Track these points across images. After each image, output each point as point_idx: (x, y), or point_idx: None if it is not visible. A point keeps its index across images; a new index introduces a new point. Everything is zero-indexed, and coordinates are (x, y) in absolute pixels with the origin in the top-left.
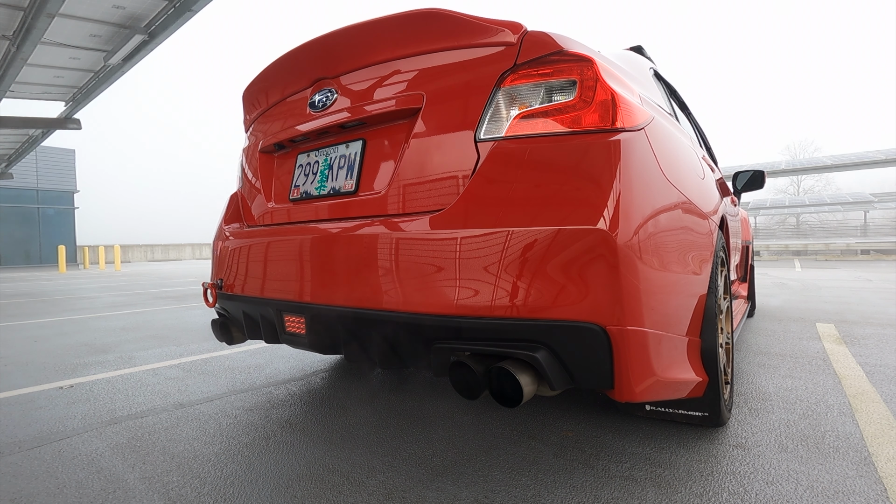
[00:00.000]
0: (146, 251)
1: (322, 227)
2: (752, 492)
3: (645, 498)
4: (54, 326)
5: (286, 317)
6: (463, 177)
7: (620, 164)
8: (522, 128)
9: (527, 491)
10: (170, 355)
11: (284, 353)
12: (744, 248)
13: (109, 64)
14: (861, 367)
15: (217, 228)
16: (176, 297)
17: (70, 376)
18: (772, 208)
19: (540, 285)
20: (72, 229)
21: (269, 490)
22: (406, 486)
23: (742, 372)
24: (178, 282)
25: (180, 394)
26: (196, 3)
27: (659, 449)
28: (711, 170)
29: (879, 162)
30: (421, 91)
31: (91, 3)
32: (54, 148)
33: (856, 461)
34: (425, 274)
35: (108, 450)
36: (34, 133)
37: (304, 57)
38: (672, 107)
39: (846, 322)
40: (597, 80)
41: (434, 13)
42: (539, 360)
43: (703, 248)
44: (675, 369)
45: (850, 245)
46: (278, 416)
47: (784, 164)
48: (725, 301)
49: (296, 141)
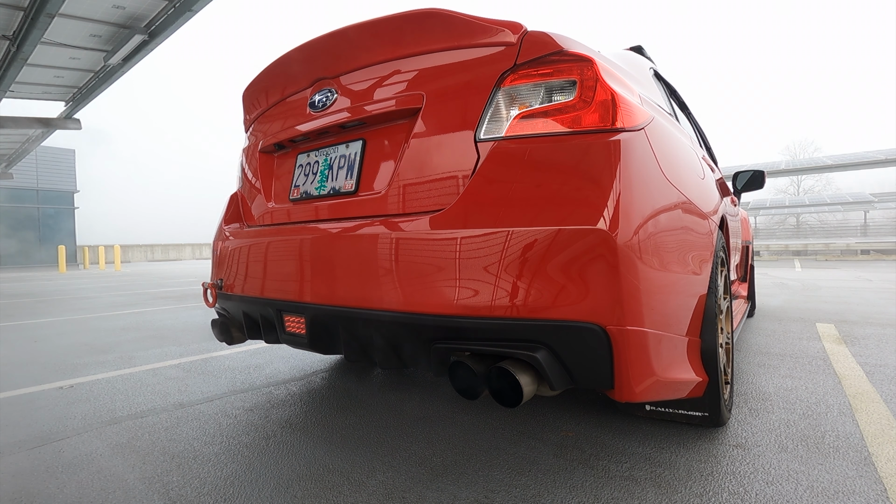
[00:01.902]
0: (146, 251)
1: (322, 227)
2: (752, 492)
3: (645, 498)
4: (54, 326)
5: (286, 317)
6: (463, 177)
7: (620, 164)
8: (522, 128)
9: (527, 491)
10: (170, 355)
11: (284, 353)
12: (744, 248)
13: (109, 64)
14: (861, 367)
15: (217, 228)
16: (176, 297)
17: (70, 376)
18: (772, 208)
19: (540, 285)
20: (72, 229)
21: (269, 490)
22: (406, 486)
23: (742, 372)
24: (178, 282)
25: (180, 394)
26: (196, 3)
27: (659, 449)
28: (711, 170)
29: (879, 162)
30: (421, 91)
31: (91, 3)
32: (54, 148)
33: (856, 461)
34: (425, 274)
35: (108, 450)
36: (34, 133)
37: (304, 57)
38: (672, 107)
39: (846, 322)
40: (597, 80)
41: (434, 13)
42: (539, 360)
43: (703, 248)
44: (675, 369)
45: (850, 245)
46: (278, 416)
47: (784, 164)
48: (725, 301)
49: (296, 141)
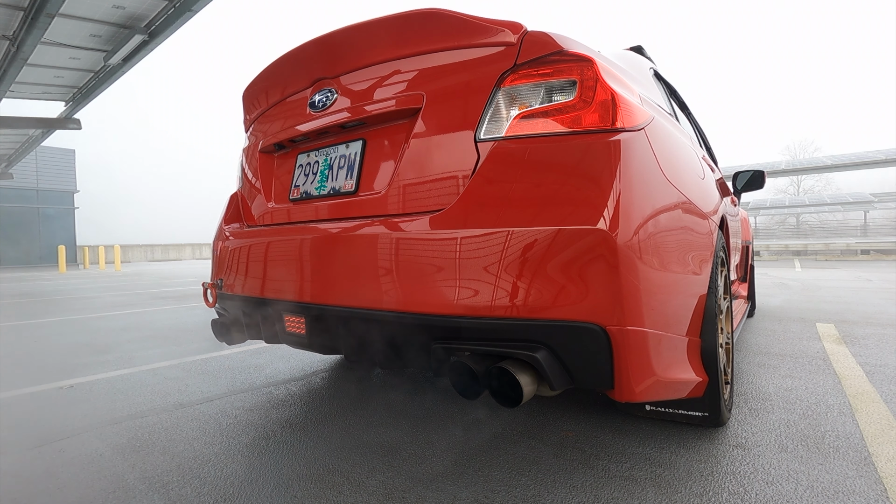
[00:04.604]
0: (146, 251)
1: (322, 227)
2: (752, 492)
3: (645, 498)
4: (54, 326)
5: (286, 317)
6: (463, 177)
7: (620, 164)
8: (522, 128)
9: (527, 491)
10: (170, 355)
11: (284, 353)
12: (744, 248)
13: (109, 64)
14: (861, 368)
15: (217, 228)
16: (176, 297)
17: (70, 376)
18: (772, 208)
19: (540, 285)
20: (72, 229)
21: (269, 490)
22: (406, 486)
23: (742, 372)
24: (178, 282)
25: (180, 394)
26: (196, 3)
27: (659, 449)
28: (711, 170)
29: (879, 162)
30: (421, 91)
31: (91, 3)
32: (54, 148)
33: (856, 461)
34: (425, 274)
35: (108, 450)
36: (34, 133)
37: (303, 57)
38: (672, 107)
39: (846, 322)
40: (597, 80)
41: (434, 13)
42: (539, 360)
43: (703, 248)
44: (675, 369)
45: (850, 245)
46: (278, 416)
47: (784, 164)
48: (725, 301)
49: (296, 141)
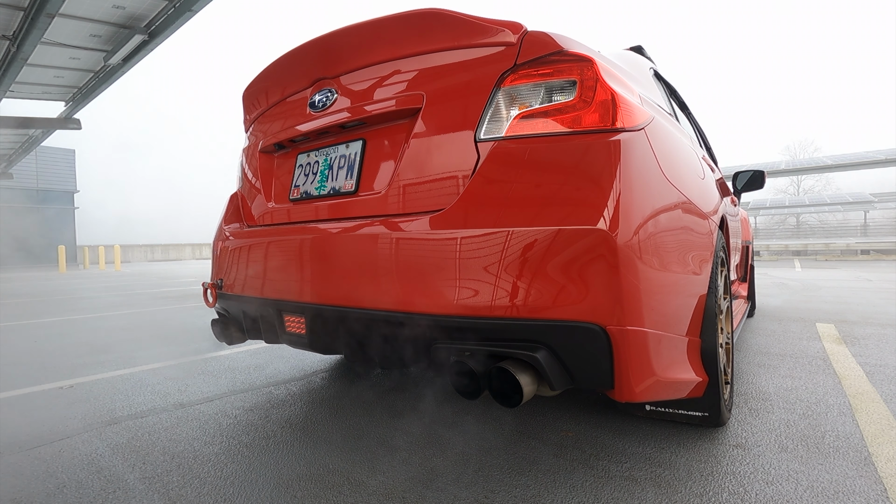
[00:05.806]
0: (146, 251)
1: (322, 227)
2: (752, 492)
3: (645, 498)
4: (54, 326)
5: (286, 317)
6: (463, 177)
7: (620, 164)
8: (522, 128)
9: (527, 491)
10: (170, 355)
11: (284, 353)
12: (744, 248)
13: (109, 64)
14: (861, 368)
15: (217, 228)
16: (176, 298)
17: (70, 376)
18: (772, 208)
19: (540, 285)
20: (72, 229)
21: (269, 490)
22: (406, 486)
23: (742, 372)
24: (177, 282)
25: (180, 394)
26: (196, 3)
27: (659, 449)
28: (711, 170)
29: (879, 162)
30: (421, 91)
31: (91, 3)
32: (54, 148)
33: (856, 461)
34: (425, 274)
35: (108, 450)
36: (34, 133)
37: (304, 57)
38: (672, 107)
39: (846, 322)
40: (597, 80)
41: (434, 13)
42: (539, 360)
43: (703, 248)
44: (675, 369)
45: (850, 245)
46: (278, 416)
47: (784, 164)
48: (725, 301)
49: (296, 141)
